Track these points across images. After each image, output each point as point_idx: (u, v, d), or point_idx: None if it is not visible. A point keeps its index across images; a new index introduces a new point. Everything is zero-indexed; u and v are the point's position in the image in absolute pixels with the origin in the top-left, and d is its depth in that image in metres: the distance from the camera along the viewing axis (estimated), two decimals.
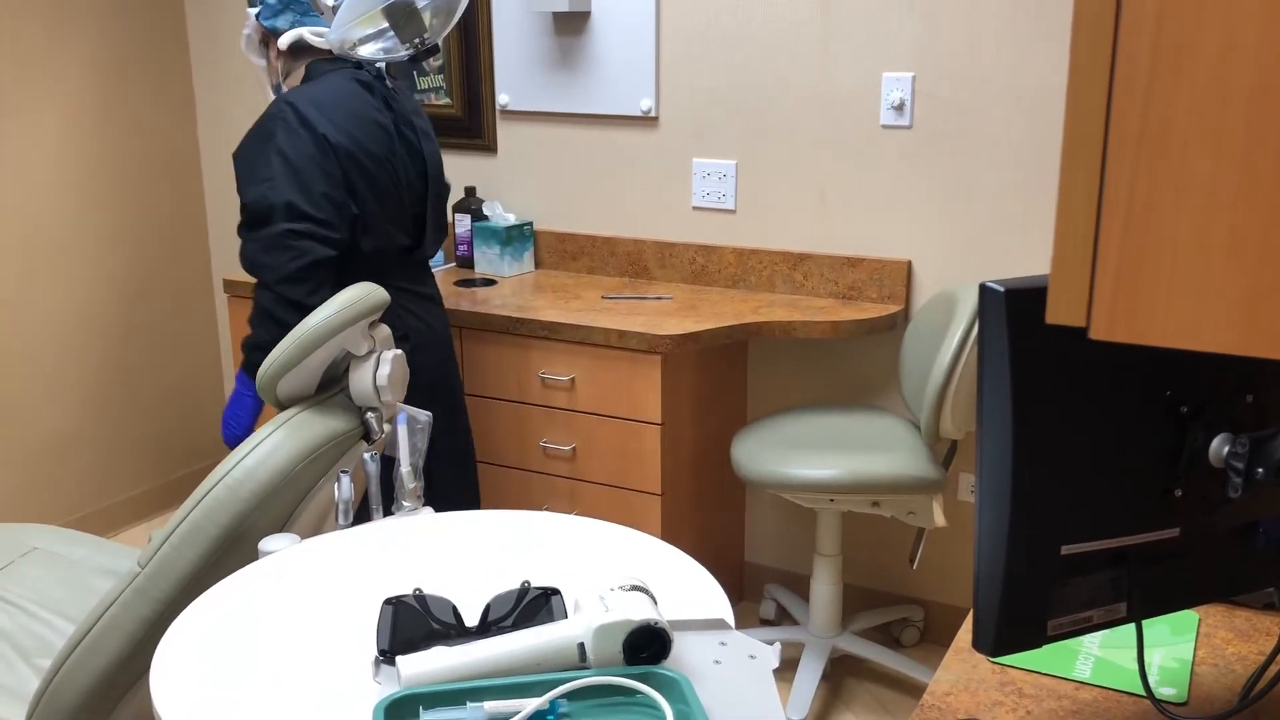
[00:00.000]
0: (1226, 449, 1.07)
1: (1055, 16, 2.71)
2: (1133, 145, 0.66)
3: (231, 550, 1.71)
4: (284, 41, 2.05)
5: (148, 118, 3.81)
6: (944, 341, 2.55)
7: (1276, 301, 0.65)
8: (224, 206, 4.02)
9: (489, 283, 3.29)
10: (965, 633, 1.33)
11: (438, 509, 2.41)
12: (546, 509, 3.02)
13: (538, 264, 3.47)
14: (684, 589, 1.35)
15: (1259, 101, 0.63)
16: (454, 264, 3.50)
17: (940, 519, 2.67)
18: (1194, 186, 0.65)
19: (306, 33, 1.98)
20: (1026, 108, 2.79)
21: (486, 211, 3.41)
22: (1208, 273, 0.66)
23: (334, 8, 1.90)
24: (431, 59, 1.95)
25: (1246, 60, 0.63)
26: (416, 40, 1.86)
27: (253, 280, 3.34)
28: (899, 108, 2.90)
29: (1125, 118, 0.66)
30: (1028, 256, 2.86)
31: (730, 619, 1.27)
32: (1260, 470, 1.05)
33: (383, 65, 2.29)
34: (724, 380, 3.14)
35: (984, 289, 1.01)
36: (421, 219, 2.51)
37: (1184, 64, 0.65)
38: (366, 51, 1.88)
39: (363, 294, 1.87)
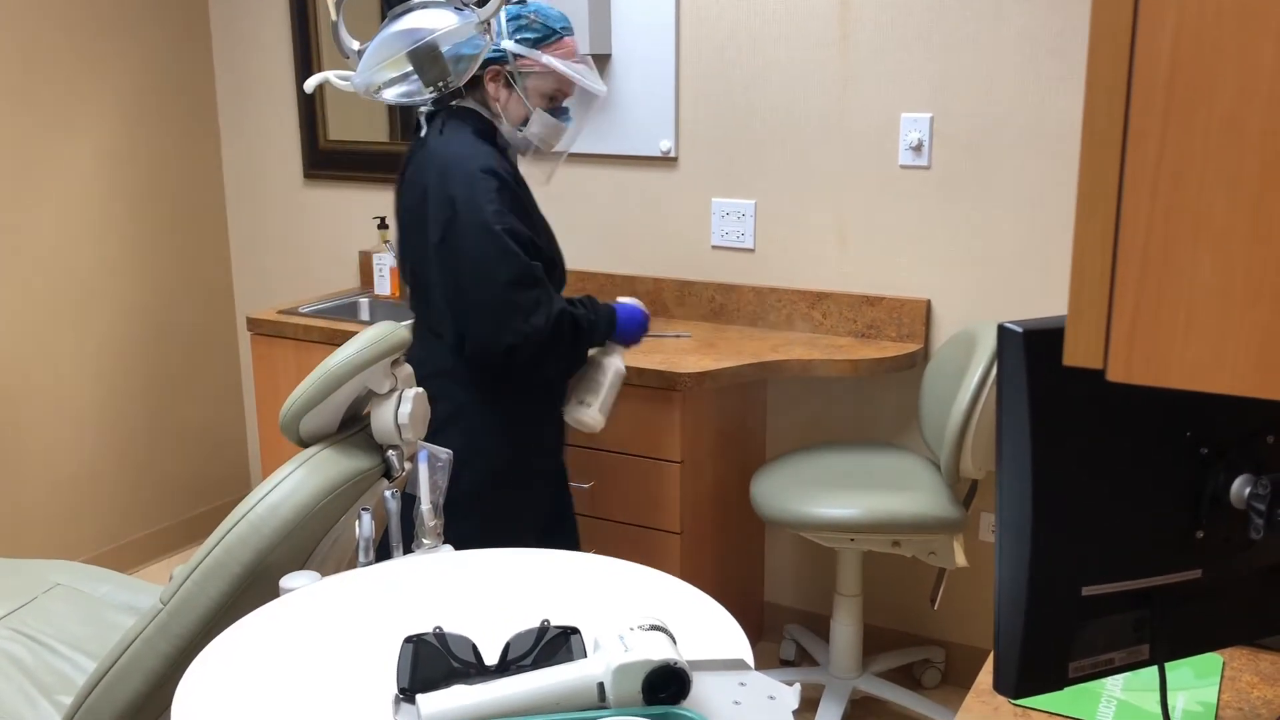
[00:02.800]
0: (1248, 490, 1.07)
1: (1073, 58, 2.73)
2: (1148, 189, 0.67)
3: (253, 587, 1.72)
4: (309, 85, 2.09)
5: (173, 157, 3.87)
6: (964, 381, 2.54)
7: None
8: (248, 245, 4.07)
9: None
10: (986, 675, 1.33)
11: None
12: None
13: None
14: (703, 628, 1.35)
15: (1272, 144, 0.64)
16: None
17: (961, 559, 2.66)
18: (1209, 229, 0.66)
19: (332, 76, 2.02)
20: (1044, 149, 2.80)
21: None
22: (1224, 315, 0.67)
23: (359, 52, 1.93)
24: (454, 100, 1.99)
25: (1260, 105, 0.64)
26: (440, 83, 1.89)
27: (275, 318, 3.38)
28: (917, 148, 2.92)
29: (1140, 161, 0.67)
30: (1046, 296, 2.86)
31: (750, 659, 1.26)
32: None
33: (421, 112, 2.30)
34: (743, 418, 3.14)
35: (1002, 330, 1.02)
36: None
37: (1198, 109, 0.66)
38: (391, 94, 1.91)
39: (384, 333, 1.89)
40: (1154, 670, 1.35)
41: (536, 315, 2.20)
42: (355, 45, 1.96)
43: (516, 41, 2.26)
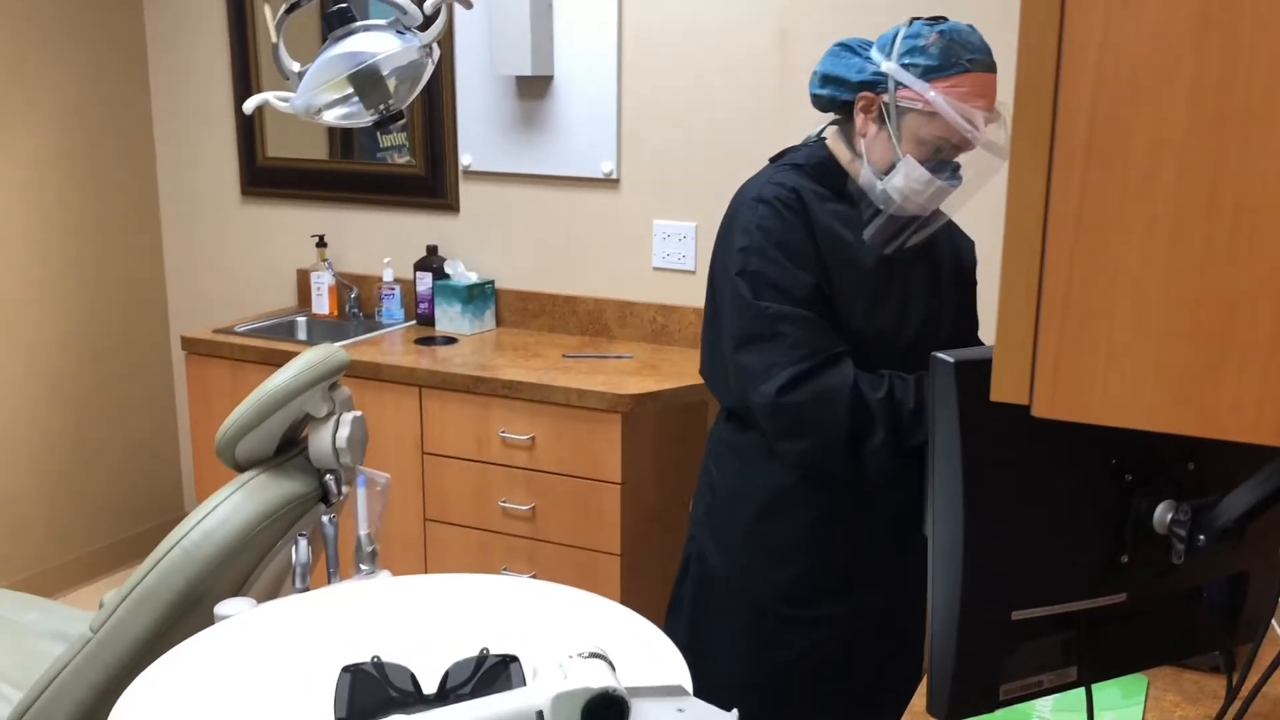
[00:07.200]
0: (1170, 516, 1.10)
1: (1009, 90, 2.79)
2: (1070, 233, 0.70)
3: (187, 615, 1.70)
4: (249, 106, 2.07)
5: (107, 174, 3.81)
6: None
7: (1205, 382, 0.68)
8: (184, 262, 4.01)
9: (450, 341, 3.30)
10: (920, 697, 1.35)
11: None
12: (505, 571, 3.01)
13: (499, 322, 3.49)
14: (643, 654, 1.36)
15: (1183, 192, 0.67)
16: (414, 322, 3.51)
17: None
18: (1127, 273, 0.69)
19: (272, 97, 2.01)
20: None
21: (448, 270, 3.43)
22: (1142, 355, 0.69)
23: (299, 74, 1.92)
24: (395, 123, 1.98)
25: (1172, 153, 0.67)
26: (381, 106, 1.89)
27: (210, 338, 3.33)
28: None
29: (1063, 206, 0.70)
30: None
31: (688, 685, 1.27)
32: (1202, 537, 1.08)
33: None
34: (684, 439, 3.16)
35: (934, 359, 1.04)
36: None
37: (1116, 156, 0.68)
38: (331, 117, 1.91)
39: (322, 356, 1.88)
40: (1082, 691, 1.38)
41: (767, 381, 1.74)
42: (295, 67, 1.95)
43: (902, 66, 1.72)
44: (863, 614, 1.88)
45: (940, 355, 1.04)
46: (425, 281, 3.44)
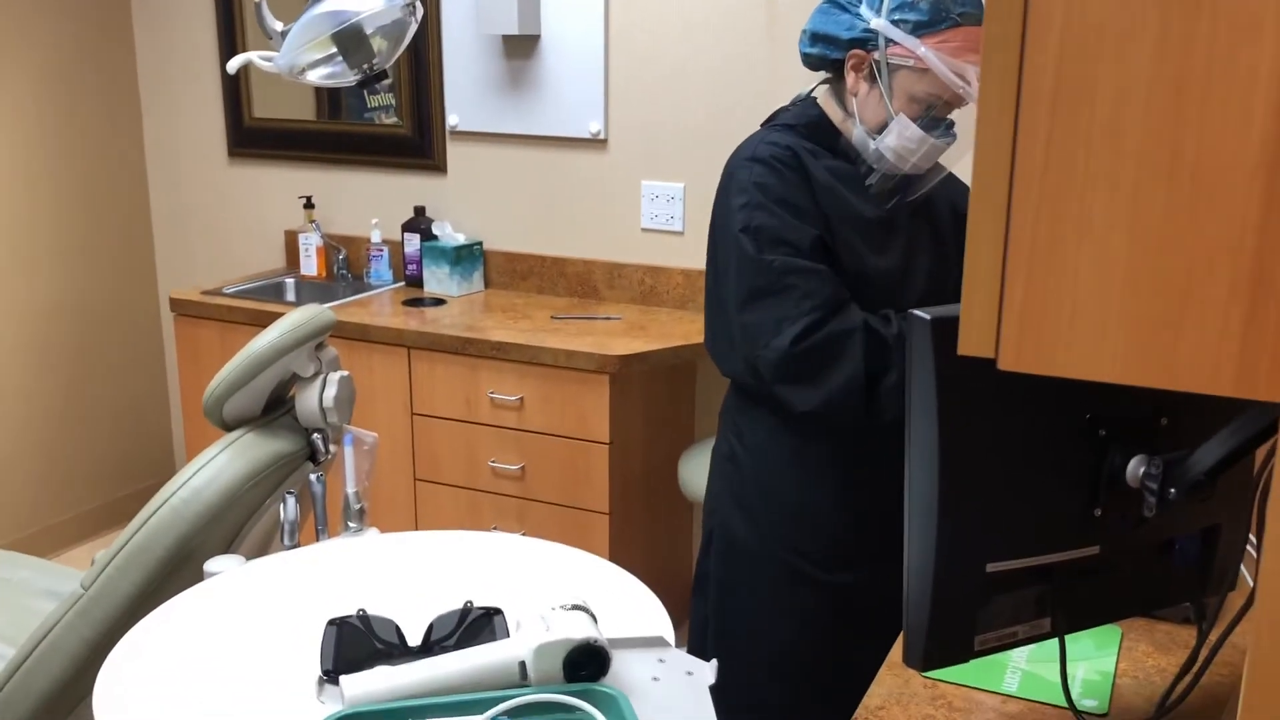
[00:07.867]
0: (1142, 470, 1.12)
1: None
2: (1036, 186, 0.71)
3: (177, 571, 1.72)
4: (232, 66, 2.06)
5: (93, 134, 3.79)
6: None
7: (1166, 336, 0.69)
8: (171, 224, 4.00)
9: (438, 302, 3.30)
10: (898, 647, 1.37)
11: None
12: (495, 529, 3.03)
13: (487, 284, 3.49)
14: (627, 607, 1.38)
15: (1146, 148, 0.68)
16: (403, 283, 3.51)
17: None
18: (1091, 227, 0.70)
19: (255, 57, 2.00)
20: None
21: (436, 231, 3.43)
22: (1106, 308, 0.70)
23: (282, 33, 1.91)
24: (380, 82, 1.97)
25: (1135, 110, 0.68)
26: (365, 66, 1.89)
27: (198, 299, 3.33)
28: None
29: (1029, 160, 0.71)
30: None
31: (670, 636, 1.29)
32: (1173, 490, 1.10)
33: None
34: (672, 400, 3.18)
35: (911, 316, 1.06)
36: None
37: (1081, 111, 0.69)
38: (315, 76, 1.90)
39: (309, 316, 1.88)
40: (1056, 642, 1.40)
41: (779, 336, 1.70)
42: (279, 26, 1.94)
43: (892, 22, 1.69)
44: (889, 580, 1.87)
45: (916, 312, 1.05)
46: (413, 243, 3.43)
